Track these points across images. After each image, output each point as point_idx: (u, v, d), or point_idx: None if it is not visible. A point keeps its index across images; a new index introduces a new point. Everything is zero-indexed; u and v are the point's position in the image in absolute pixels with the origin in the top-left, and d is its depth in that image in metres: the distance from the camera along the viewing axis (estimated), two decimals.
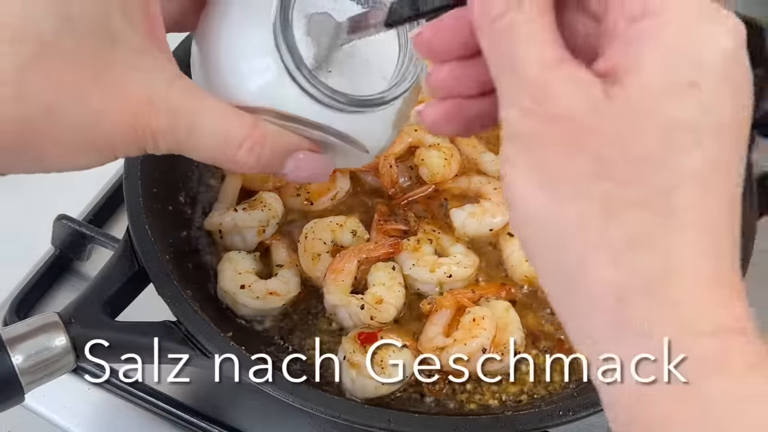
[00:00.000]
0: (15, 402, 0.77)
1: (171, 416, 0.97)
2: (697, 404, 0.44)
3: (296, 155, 0.65)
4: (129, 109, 0.58)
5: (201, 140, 0.61)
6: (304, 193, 1.05)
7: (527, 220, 0.48)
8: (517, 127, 0.47)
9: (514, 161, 0.48)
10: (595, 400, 0.81)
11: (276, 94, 0.63)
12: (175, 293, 0.85)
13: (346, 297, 0.94)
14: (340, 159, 0.70)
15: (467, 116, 0.56)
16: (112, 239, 1.04)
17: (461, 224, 1.03)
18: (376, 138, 0.70)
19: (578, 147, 0.45)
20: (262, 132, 0.62)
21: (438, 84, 0.56)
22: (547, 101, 0.46)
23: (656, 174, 0.44)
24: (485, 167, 1.10)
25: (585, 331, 0.48)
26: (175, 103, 0.59)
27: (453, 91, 0.55)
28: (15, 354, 0.75)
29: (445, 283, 0.98)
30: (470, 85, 0.55)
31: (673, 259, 0.44)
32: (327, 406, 0.80)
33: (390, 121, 0.70)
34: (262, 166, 0.64)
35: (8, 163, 0.59)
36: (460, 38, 0.53)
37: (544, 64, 0.46)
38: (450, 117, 0.56)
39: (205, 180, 1.09)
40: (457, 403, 0.90)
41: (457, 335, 0.91)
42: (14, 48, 0.54)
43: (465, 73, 0.54)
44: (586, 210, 0.45)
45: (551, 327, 0.96)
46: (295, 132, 0.65)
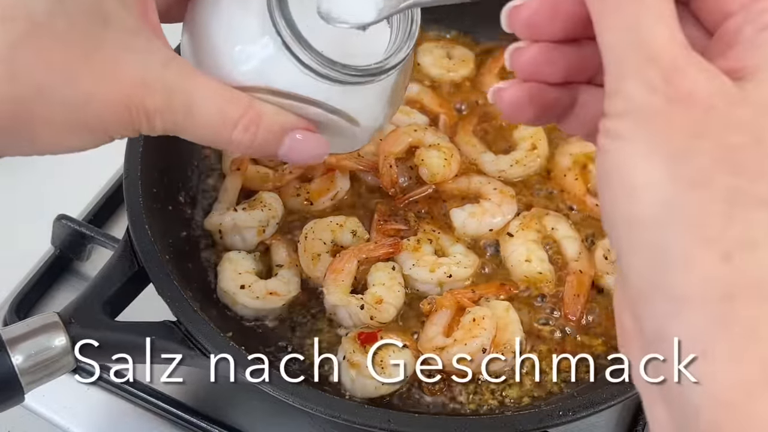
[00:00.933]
0: (15, 402, 0.77)
1: (171, 416, 0.97)
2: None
3: (292, 135, 0.64)
4: (122, 89, 0.58)
5: (197, 119, 0.60)
6: (304, 193, 1.05)
7: (631, 198, 0.45)
8: (641, 101, 0.45)
9: (631, 136, 0.45)
10: (594, 400, 0.82)
11: (271, 71, 0.63)
12: (175, 293, 0.85)
13: (346, 297, 0.94)
14: (336, 140, 0.70)
15: (545, 103, 0.54)
16: (112, 239, 1.04)
17: (461, 224, 1.03)
18: (372, 115, 0.70)
19: (708, 131, 0.43)
20: (258, 111, 0.62)
21: (524, 64, 0.53)
22: (679, 82, 0.44)
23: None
24: (485, 167, 1.10)
25: (668, 329, 0.44)
26: (171, 82, 0.59)
27: (538, 74, 0.53)
28: (15, 354, 0.75)
29: (445, 283, 0.98)
30: (557, 70, 0.53)
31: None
32: (327, 406, 0.80)
33: (385, 97, 0.70)
34: (257, 146, 0.64)
35: (2, 144, 0.59)
36: (562, 17, 0.51)
37: (676, 45, 0.45)
38: (530, 101, 0.54)
39: (205, 180, 1.09)
40: (457, 403, 0.90)
41: (457, 335, 0.91)
42: (5, 26, 0.54)
43: (555, 56, 0.52)
44: (709, 201, 0.43)
45: (549, 328, 0.96)
46: (291, 111, 0.65)
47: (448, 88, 1.20)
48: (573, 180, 1.09)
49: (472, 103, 1.18)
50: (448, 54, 1.23)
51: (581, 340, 0.96)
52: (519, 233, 1.02)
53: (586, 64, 0.54)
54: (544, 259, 1.00)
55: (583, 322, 0.97)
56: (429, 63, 1.21)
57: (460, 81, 1.21)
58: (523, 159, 1.10)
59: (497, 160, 1.10)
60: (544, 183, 1.10)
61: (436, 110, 1.16)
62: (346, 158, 1.07)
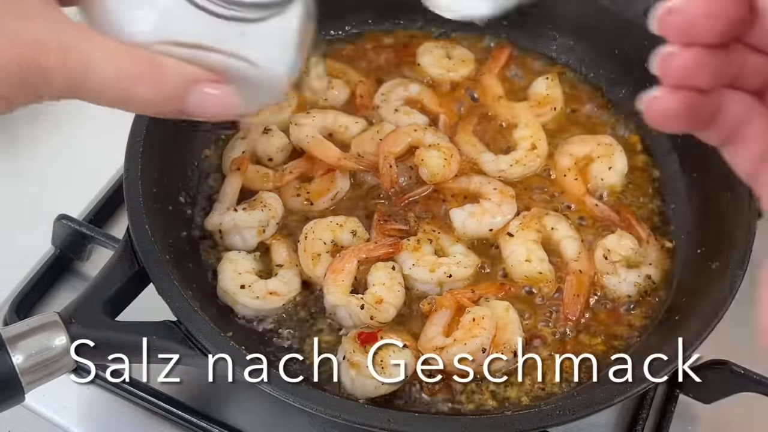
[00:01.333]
0: (15, 402, 0.77)
1: (171, 416, 0.97)
2: None
3: (197, 88, 0.64)
4: (13, 48, 0.57)
5: (96, 78, 0.60)
6: (304, 193, 1.06)
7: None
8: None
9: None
10: (594, 400, 0.82)
11: (167, 22, 0.63)
12: (175, 293, 0.85)
13: (346, 297, 0.94)
14: (247, 93, 0.69)
15: (696, 111, 0.52)
16: (112, 239, 1.04)
17: (461, 224, 1.03)
18: (275, 59, 0.69)
19: None
20: (158, 64, 0.62)
21: (679, 70, 0.50)
22: None
23: None
24: (485, 167, 1.10)
25: None
26: (66, 41, 0.59)
27: (691, 80, 0.51)
28: (15, 354, 0.75)
29: (445, 283, 0.98)
30: (709, 76, 0.51)
31: None
32: (327, 406, 0.80)
33: (290, 42, 0.69)
34: (164, 102, 0.63)
35: None
36: (721, 21, 0.49)
37: None
38: (683, 111, 0.51)
39: (205, 180, 1.09)
40: (456, 403, 0.90)
41: (456, 335, 0.91)
42: None
43: (709, 62, 0.50)
44: None
45: (548, 328, 0.96)
46: (193, 63, 0.64)
47: (448, 87, 1.21)
48: (573, 180, 1.09)
49: (471, 105, 1.19)
50: (447, 54, 1.23)
51: (581, 340, 0.96)
52: (519, 233, 1.02)
53: (732, 70, 0.52)
54: (544, 259, 1.00)
55: (583, 322, 0.97)
56: (429, 63, 1.21)
57: (460, 81, 1.21)
58: (523, 159, 1.10)
59: (497, 160, 1.10)
60: (543, 183, 1.10)
61: (436, 110, 1.17)
62: (346, 158, 1.07)
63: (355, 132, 1.12)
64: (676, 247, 1.05)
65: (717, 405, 0.98)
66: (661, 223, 1.08)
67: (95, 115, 1.33)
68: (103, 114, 1.42)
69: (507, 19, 1.25)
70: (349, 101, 1.19)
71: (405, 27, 1.29)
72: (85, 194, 1.17)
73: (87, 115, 1.33)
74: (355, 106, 1.18)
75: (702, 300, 0.90)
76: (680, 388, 1.00)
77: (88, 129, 1.31)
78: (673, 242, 1.05)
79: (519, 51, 1.26)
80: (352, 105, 1.18)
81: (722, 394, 0.96)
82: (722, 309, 0.85)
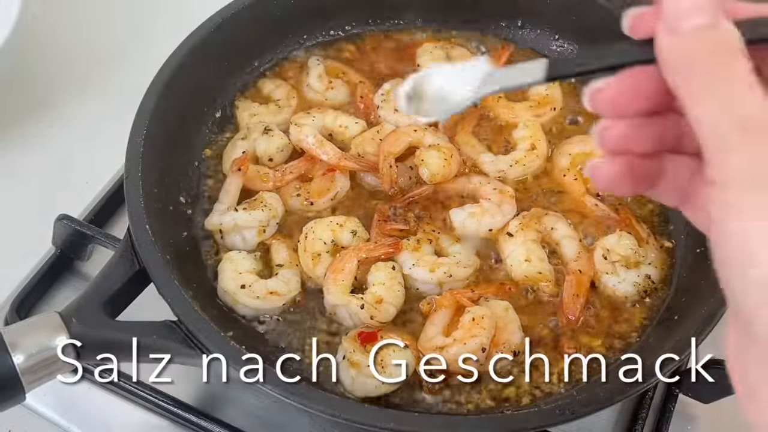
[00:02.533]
0: (16, 401, 0.77)
1: (171, 415, 0.97)
2: None
3: None
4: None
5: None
6: (304, 193, 1.06)
7: (752, 261, 0.46)
8: (748, 171, 0.46)
9: (742, 204, 0.47)
10: (594, 400, 0.82)
11: None
12: (176, 293, 0.85)
13: (346, 296, 0.95)
14: None
15: (639, 175, 0.56)
16: (112, 239, 1.04)
17: (461, 224, 1.03)
18: None
19: None
20: None
21: (614, 140, 0.55)
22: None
23: None
24: (485, 167, 1.10)
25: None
26: None
27: (628, 147, 0.55)
28: (16, 353, 0.75)
29: (444, 282, 0.98)
30: (645, 143, 0.55)
31: None
32: (327, 405, 0.80)
33: None
34: None
35: None
36: (644, 94, 0.53)
37: None
38: (625, 175, 0.55)
39: (206, 180, 1.09)
40: (456, 402, 0.90)
41: (456, 335, 0.91)
42: None
43: (643, 130, 0.55)
44: None
45: (547, 329, 0.97)
46: None
47: None
48: (572, 180, 1.09)
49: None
50: (447, 54, 1.23)
51: (580, 340, 0.96)
52: (518, 233, 1.02)
53: (671, 133, 0.56)
54: (543, 259, 1.00)
55: (582, 321, 0.97)
56: (429, 63, 1.21)
57: None
58: (523, 159, 1.10)
59: (497, 160, 1.10)
60: (543, 183, 1.10)
61: None
62: (346, 158, 1.07)
63: (355, 132, 1.12)
64: (675, 247, 1.05)
65: (716, 405, 0.98)
66: (660, 223, 1.08)
67: (96, 116, 1.33)
68: (103, 114, 1.43)
69: (507, 19, 1.26)
70: (349, 101, 1.19)
71: (405, 27, 1.29)
72: (86, 194, 1.17)
73: (88, 116, 1.33)
74: (355, 106, 1.18)
75: (702, 300, 0.90)
76: (680, 388, 1.00)
77: (89, 129, 1.31)
78: (672, 242, 1.05)
79: (519, 51, 1.26)
80: (352, 105, 1.19)
81: (722, 394, 0.96)
82: (722, 309, 0.85)
